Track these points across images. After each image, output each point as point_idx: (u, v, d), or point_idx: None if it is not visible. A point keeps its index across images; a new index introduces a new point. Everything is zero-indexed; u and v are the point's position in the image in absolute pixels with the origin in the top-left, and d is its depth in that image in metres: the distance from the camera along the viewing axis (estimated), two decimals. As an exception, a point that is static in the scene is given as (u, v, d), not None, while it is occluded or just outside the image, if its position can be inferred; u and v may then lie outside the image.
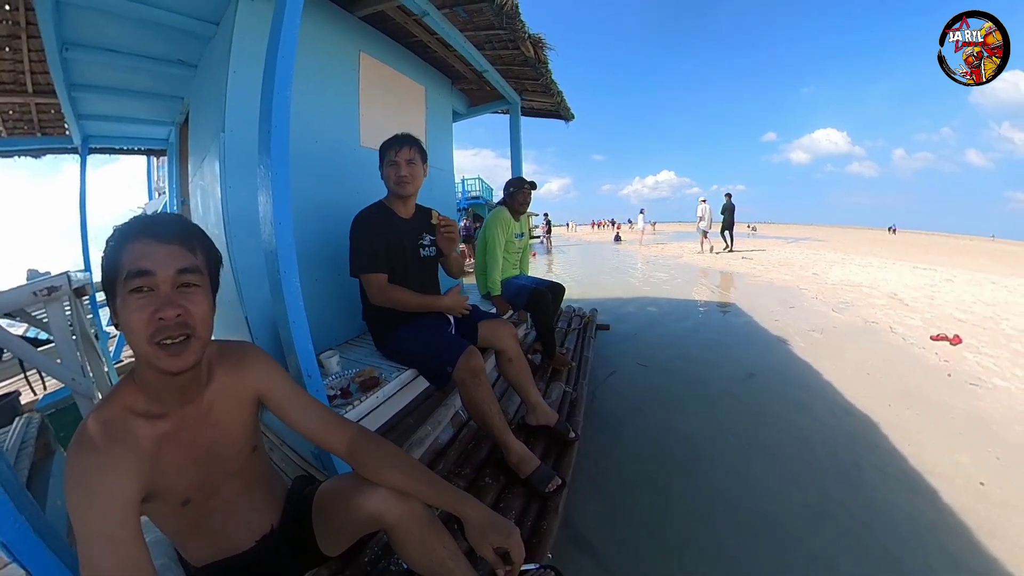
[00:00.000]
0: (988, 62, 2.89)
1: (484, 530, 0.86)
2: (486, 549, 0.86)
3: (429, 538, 0.91)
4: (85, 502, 0.62)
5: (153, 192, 5.28)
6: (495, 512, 0.90)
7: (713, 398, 2.81)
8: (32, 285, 1.46)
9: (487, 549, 0.86)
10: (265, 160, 1.30)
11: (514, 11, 2.36)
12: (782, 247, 15.97)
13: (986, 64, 2.89)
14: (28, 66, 2.77)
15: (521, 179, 2.94)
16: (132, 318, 0.67)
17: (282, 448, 1.85)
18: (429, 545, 0.91)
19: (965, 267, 9.76)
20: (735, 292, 6.51)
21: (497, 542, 0.86)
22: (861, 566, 1.48)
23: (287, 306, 1.32)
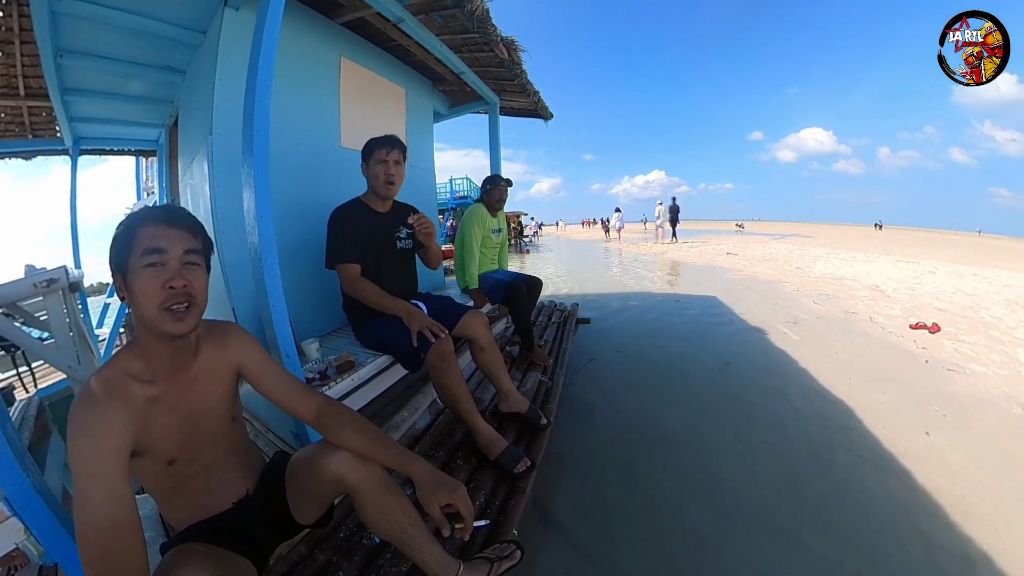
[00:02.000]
0: (988, 62, 2.88)
1: (431, 487, 0.93)
2: (433, 507, 0.92)
3: (389, 502, 0.98)
4: (84, 445, 0.72)
5: (141, 192, 5.32)
6: (442, 472, 0.98)
7: (688, 385, 2.89)
8: (32, 277, 1.55)
9: (434, 507, 0.92)
10: (248, 160, 1.42)
11: (485, 15, 2.45)
12: (768, 243, 16.12)
13: (986, 64, 2.88)
14: (20, 70, 2.84)
15: (498, 177, 3.04)
16: (146, 286, 0.79)
17: (267, 435, 1.93)
18: (388, 509, 0.98)
19: (948, 260, 9.94)
20: (717, 286, 6.62)
21: (444, 499, 0.92)
22: (832, 545, 1.50)
23: (268, 293, 1.44)
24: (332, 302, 1.91)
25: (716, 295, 5.82)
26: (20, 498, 0.95)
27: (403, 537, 0.99)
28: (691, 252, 12.35)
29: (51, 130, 3.65)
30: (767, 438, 2.19)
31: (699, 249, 13.26)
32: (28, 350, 1.69)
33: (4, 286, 1.51)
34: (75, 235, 4.06)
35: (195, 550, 0.84)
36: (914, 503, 1.70)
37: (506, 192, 3.00)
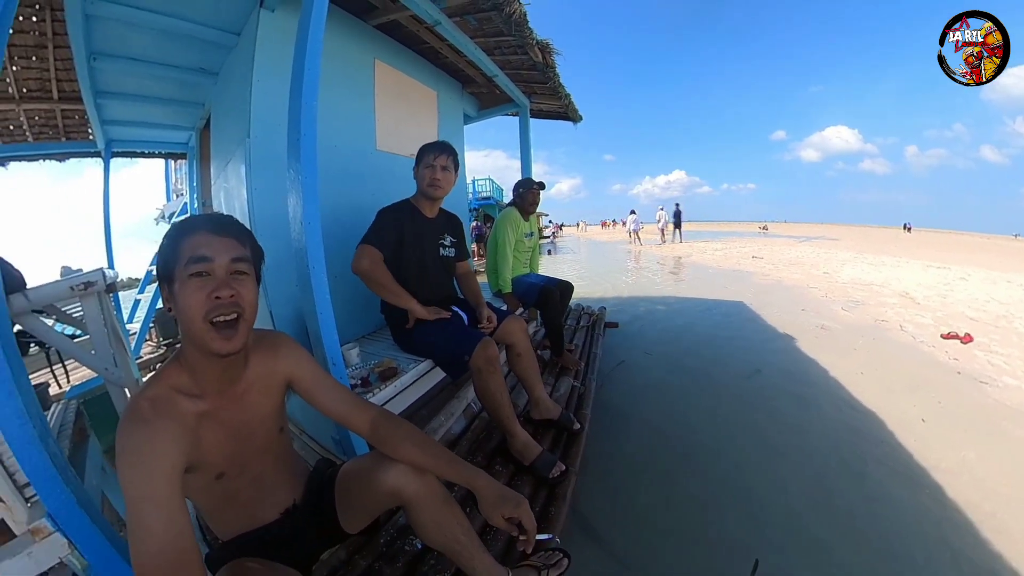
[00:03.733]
0: (988, 62, 2.89)
1: (495, 501, 0.92)
2: (498, 519, 0.91)
3: (444, 514, 0.97)
4: (136, 468, 0.69)
5: (171, 194, 5.41)
6: (505, 486, 0.96)
7: (718, 392, 2.85)
8: (69, 280, 1.54)
9: (499, 519, 0.91)
10: (295, 164, 1.39)
11: (522, 19, 2.43)
12: (793, 246, 15.84)
13: (986, 64, 2.89)
14: (54, 74, 2.90)
15: (530, 180, 3.01)
16: (192, 297, 0.75)
17: (301, 437, 1.94)
18: (444, 520, 0.96)
19: (981, 265, 9.63)
20: (744, 290, 6.50)
21: (508, 512, 0.91)
22: (860, 555, 1.50)
23: (315, 299, 1.41)
24: (367, 306, 1.90)
25: (743, 300, 5.72)
26: (63, 513, 0.93)
27: (455, 547, 0.98)
28: (715, 255, 12.19)
29: (84, 133, 3.71)
30: (798, 448, 2.16)
31: (723, 252, 13.07)
32: (64, 352, 1.68)
33: (42, 288, 1.50)
34: (108, 235, 4.13)
35: (248, 568, 0.83)
36: (945, 518, 1.67)
37: (539, 195, 2.98)
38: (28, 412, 0.88)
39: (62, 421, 1.57)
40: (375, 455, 0.99)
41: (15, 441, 0.87)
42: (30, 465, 0.89)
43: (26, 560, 0.91)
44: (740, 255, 12.10)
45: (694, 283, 7.52)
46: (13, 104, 3.07)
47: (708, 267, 9.83)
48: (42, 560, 0.93)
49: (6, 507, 0.89)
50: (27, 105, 3.15)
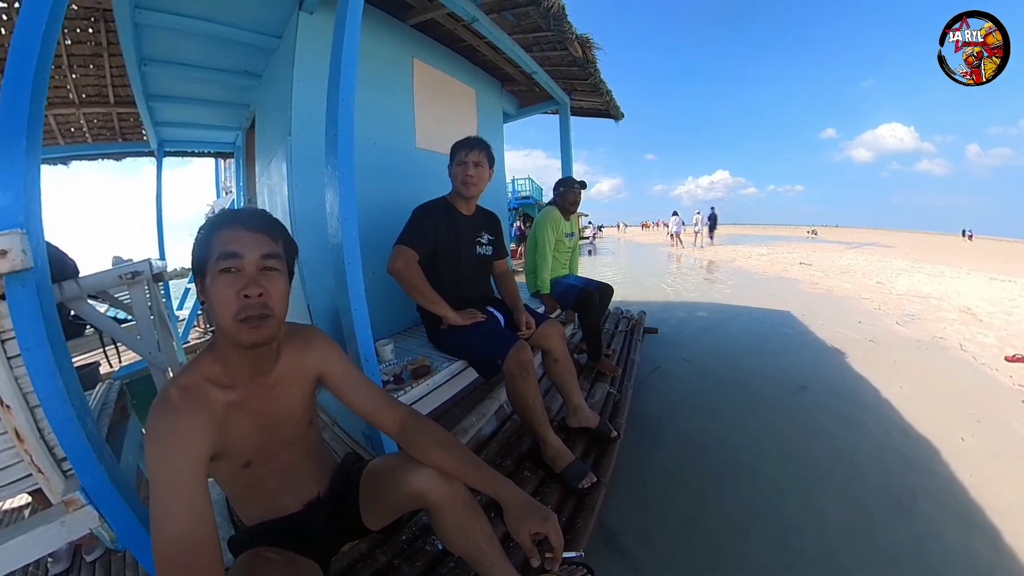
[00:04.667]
0: (988, 62, 2.90)
1: (521, 514, 0.88)
2: (523, 534, 0.88)
3: (468, 520, 0.94)
4: (161, 455, 0.71)
5: (221, 191, 5.69)
6: (533, 498, 0.92)
7: (759, 407, 2.70)
8: (118, 269, 1.64)
9: (524, 535, 0.87)
10: (332, 161, 1.41)
11: (561, 12, 2.39)
12: (844, 253, 15.08)
13: (986, 64, 2.91)
14: (110, 80, 3.12)
15: (571, 179, 2.96)
16: (221, 294, 0.76)
17: (333, 428, 1.97)
18: (467, 527, 0.94)
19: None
20: (790, 299, 6.21)
21: (534, 526, 0.87)
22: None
23: (350, 296, 1.42)
24: (403, 303, 1.92)
25: (790, 310, 5.45)
26: (95, 488, 0.97)
27: (477, 554, 0.96)
28: (761, 261, 11.75)
29: (138, 134, 3.97)
30: (841, 474, 2.01)
31: (769, 258, 12.57)
32: (113, 336, 1.79)
33: (94, 276, 1.60)
34: (160, 228, 4.39)
35: (267, 559, 0.83)
36: (998, 565, 1.49)
37: (580, 195, 2.93)
38: (68, 392, 0.91)
39: (104, 400, 1.66)
40: (402, 455, 0.98)
41: (54, 418, 0.90)
42: (67, 442, 0.92)
43: (59, 528, 0.96)
44: (787, 261, 11.61)
45: (738, 290, 7.24)
46: (74, 108, 3.32)
47: (753, 273, 9.47)
48: (74, 529, 0.97)
49: (44, 478, 0.94)
50: (86, 109, 3.40)
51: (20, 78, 0.89)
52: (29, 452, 0.91)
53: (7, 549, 0.92)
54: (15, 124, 0.88)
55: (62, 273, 1.52)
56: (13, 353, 0.88)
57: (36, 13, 0.92)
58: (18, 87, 0.89)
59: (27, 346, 0.87)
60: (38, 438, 0.92)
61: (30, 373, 0.88)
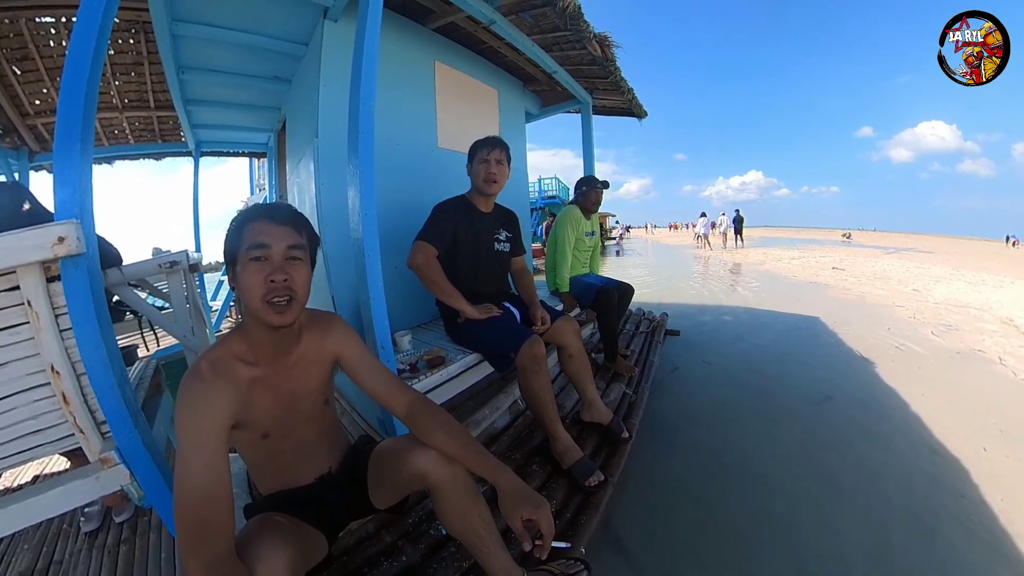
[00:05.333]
0: (988, 62, 2.92)
1: (515, 500, 0.93)
2: (515, 520, 0.91)
3: (467, 504, 0.99)
4: (189, 419, 0.80)
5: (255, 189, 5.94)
6: (528, 486, 0.96)
7: (780, 416, 2.62)
8: (157, 259, 1.77)
9: (516, 520, 0.91)
10: (354, 161, 1.50)
11: (577, 12, 2.41)
12: (879, 258, 14.48)
13: (986, 64, 2.92)
14: (150, 86, 3.36)
15: (594, 178, 2.97)
16: (251, 280, 0.85)
17: (352, 414, 2.06)
18: (466, 511, 0.99)
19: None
20: (820, 305, 6.01)
21: (527, 513, 0.91)
22: None
23: (369, 287, 1.51)
24: (424, 296, 1.99)
25: (819, 316, 5.27)
26: (129, 449, 1.08)
27: (474, 539, 1.00)
28: (792, 265, 11.41)
29: (177, 136, 4.23)
30: (863, 491, 1.91)
31: (800, 261, 12.19)
32: (151, 319, 1.94)
33: (135, 265, 1.74)
34: (196, 223, 4.66)
35: (276, 521, 0.89)
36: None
37: (602, 194, 2.93)
38: (110, 362, 1.03)
39: (142, 376, 1.81)
40: (409, 438, 1.04)
41: (97, 384, 1.02)
42: (107, 406, 1.04)
43: (94, 483, 1.07)
44: (819, 265, 11.23)
45: (766, 294, 7.06)
46: (117, 112, 3.61)
47: (783, 277, 9.21)
48: (107, 484, 1.08)
49: (85, 437, 1.04)
50: (128, 113, 3.68)
51: (74, 89, 1.01)
52: (73, 414, 1.02)
53: (48, 497, 1.04)
54: (71, 129, 1.00)
55: (107, 261, 1.64)
56: (65, 327, 1.00)
57: (87, 32, 1.04)
58: (72, 97, 1.01)
59: (77, 320, 0.99)
60: (82, 402, 1.03)
61: (79, 344, 1.00)
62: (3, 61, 2.68)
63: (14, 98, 3.04)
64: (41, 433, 1.03)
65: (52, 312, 0.97)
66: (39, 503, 1.04)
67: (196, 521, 0.74)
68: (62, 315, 0.99)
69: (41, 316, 0.96)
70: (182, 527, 0.74)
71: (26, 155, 3.65)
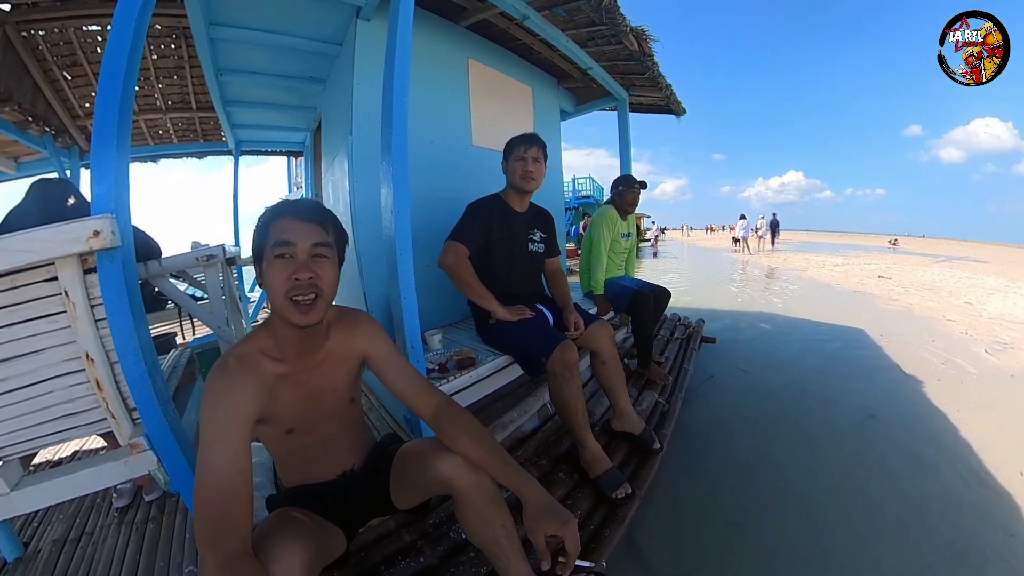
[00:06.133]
0: (988, 62, 2.94)
1: (540, 514, 0.88)
2: (538, 535, 0.87)
3: (490, 513, 0.96)
4: (215, 412, 0.80)
5: (292, 187, 6.12)
6: (555, 500, 0.92)
7: (818, 433, 2.49)
8: (195, 252, 1.85)
9: (539, 536, 0.87)
10: (387, 158, 1.50)
11: (613, 5, 2.36)
12: (929, 267, 13.66)
13: (986, 64, 2.95)
14: (191, 88, 3.53)
15: (631, 178, 2.90)
16: (275, 277, 0.84)
17: (379, 410, 2.06)
18: (489, 519, 0.96)
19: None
20: (864, 316, 5.72)
21: (552, 529, 0.86)
22: None
23: (400, 285, 1.51)
24: (455, 295, 1.99)
25: (863, 328, 5.01)
26: (157, 436, 1.11)
27: (495, 548, 0.97)
28: (834, 272, 10.95)
29: (218, 135, 4.41)
30: (903, 520, 1.79)
31: (844, 269, 11.68)
32: (188, 310, 2.01)
33: (174, 257, 1.81)
34: (236, 219, 4.87)
35: (295, 519, 0.88)
36: None
37: (639, 195, 2.85)
38: (142, 352, 1.06)
39: (176, 364, 1.88)
40: (435, 441, 1.01)
41: (129, 373, 1.05)
42: (137, 394, 1.07)
43: (123, 466, 1.11)
44: (863, 273, 10.72)
45: (807, 302, 6.78)
46: (161, 114, 3.80)
47: (825, 285, 8.83)
48: (135, 468, 1.12)
49: (116, 423, 1.08)
50: (172, 114, 3.87)
51: (109, 92, 1.05)
52: (106, 400, 1.05)
53: (81, 476, 1.10)
54: (107, 128, 1.04)
55: (147, 254, 1.71)
56: (100, 317, 1.03)
57: (121, 38, 1.08)
58: (108, 100, 1.05)
59: (111, 311, 1.02)
60: (114, 389, 1.06)
61: (112, 334, 1.03)
62: (55, 67, 2.86)
63: (65, 101, 3.22)
64: (75, 416, 1.08)
65: (88, 302, 1.01)
66: (72, 481, 1.10)
67: (213, 517, 0.74)
68: (97, 305, 1.02)
69: (77, 306, 0.99)
70: (200, 521, 0.74)
71: (77, 154, 3.87)
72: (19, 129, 3.19)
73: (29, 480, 1.09)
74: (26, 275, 0.97)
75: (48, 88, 3.00)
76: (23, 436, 1.05)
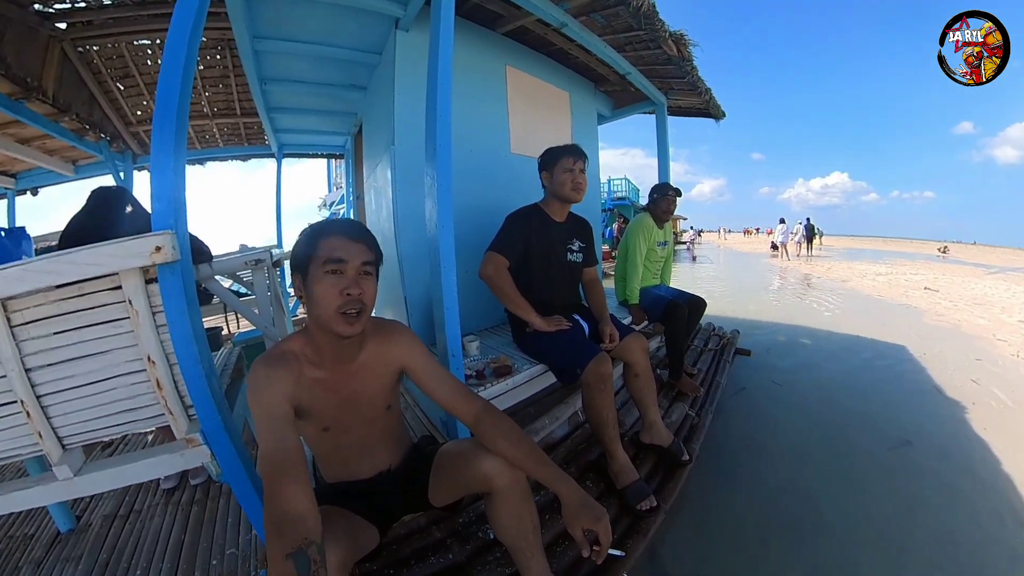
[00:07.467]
0: (988, 62, 2.95)
1: (577, 511, 0.94)
2: (576, 529, 0.94)
3: (524, 510, 1.03)
4: (257, 399, 0.90)
5: (332, 186, 6.33)
6: (590, 497, 0.98)
7: (852, 457, 2.39)
8: (245, 256, 1.95)
9: (577, 529, 0.94)
10: (431, 171, 1.55)
11: (651, 10, 2.33)
12: (981, 278, 12.76)
13: (986, 64, 2.95)
14: (236, 96, 3.73)
15: (666, 185, 2.89)
16: (327, 292, 0.91)
17: (415, 409, 2.13)
18: (521, 516, 1.03)
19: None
20: (908, 333, 5.43)
21: (587, 523, 0.93)
22: None
23: (444, 296, 1.55)
24: (492, 301, 2.03)
25: (906, 345, 4.75)
26: (212, 432, 1.19)
27: (521, 543, 1.05)
28: (877, 282, 10.44)
29: (261, 139, 4.62)
30: (933, 558, 1.70)
31: (888, 278, 11.10)
32: (236, 310, 2.14)
33: (225, 261, 1.93)
34: (279, 219, 5.06)
35: (331, 516, 0.94)
36: None
37: (675, 202, 2.84)
38: (200, 356, 1.14)
39: (227, 362, 2.01)
40: (475, 441, 1.07)
41: (187, 374, 1.14)
42: (195, 393, 1.15)
43: (179, 458, 1.20)
44: (909, 284, 10.17)
45: (848, 314, 6.50)
46: (208, 120, 4.03)
47: (867, 296, 8.42)
48: (191, 460, 1.22)
49: (174, 419, 1.17)
50: (218, 120, 4.09)
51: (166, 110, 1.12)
52: (165, 398, 1.14)
53: (140, 465, 1.20)
54: (164, 146, 1.11)
55: (198, 258, 1.82)
56: (160, 323, 1.12)
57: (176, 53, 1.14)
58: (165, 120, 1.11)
59: (172, 319, 1.10)
60: (173, 388, 1.15)
61: (172, 339, 1.11)
62: (109, 79, 3.07)
63: (119, 110, 3.45)
64: (136, 411, 1.17)
65: (150, 309, 1.09)
66: (132, 470, 1.20)
67: (271, 470, 0.82)
68: (158, 312, 1.10)
69: (140, 313, 1.07)
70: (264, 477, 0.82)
71: (130, 158, 4.11)
72: (77, 136, 3.41)
73: (91, 466, 1.18)
74: (93, 284, 1.06)
75: (103, 98, 3.22)
76: (88, 427, 1.14)
